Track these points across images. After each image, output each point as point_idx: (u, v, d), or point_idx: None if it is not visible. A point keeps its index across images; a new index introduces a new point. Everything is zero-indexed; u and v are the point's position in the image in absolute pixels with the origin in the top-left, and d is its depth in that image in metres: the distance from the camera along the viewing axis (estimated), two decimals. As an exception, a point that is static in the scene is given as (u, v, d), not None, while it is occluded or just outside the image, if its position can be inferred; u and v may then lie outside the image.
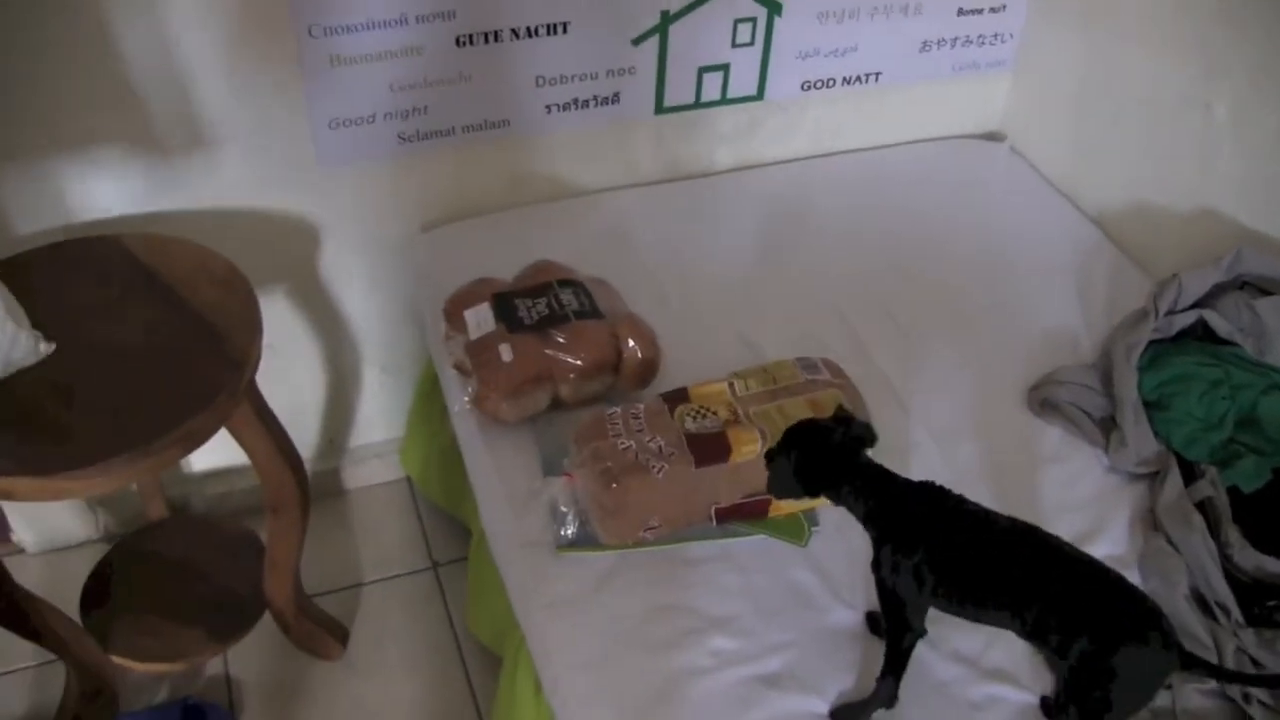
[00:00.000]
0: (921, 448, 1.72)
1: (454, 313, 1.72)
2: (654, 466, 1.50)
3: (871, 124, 2.26)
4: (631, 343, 1.68)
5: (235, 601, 1.98)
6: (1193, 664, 1.26)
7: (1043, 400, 1.79)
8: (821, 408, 1.58)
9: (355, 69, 1.80)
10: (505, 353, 1.63)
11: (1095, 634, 1.19)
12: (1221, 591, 1.52)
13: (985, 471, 1.70)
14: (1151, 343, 1.79)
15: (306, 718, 1.99)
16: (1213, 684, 1.44)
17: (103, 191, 1.80)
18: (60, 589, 1.91)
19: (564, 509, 1.55)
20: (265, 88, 1.78)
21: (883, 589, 1.33)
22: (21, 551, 2.21)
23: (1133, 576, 1.57)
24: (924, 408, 1.78)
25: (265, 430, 1.71)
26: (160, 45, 1.67)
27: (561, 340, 1.65)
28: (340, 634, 2.08)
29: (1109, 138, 2.11)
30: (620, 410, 1.58)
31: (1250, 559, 1.55)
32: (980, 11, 2.17)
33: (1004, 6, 2.19)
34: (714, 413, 1.57)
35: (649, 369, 1.70)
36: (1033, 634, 1.25)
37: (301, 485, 1.79)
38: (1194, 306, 1.80)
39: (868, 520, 1.33)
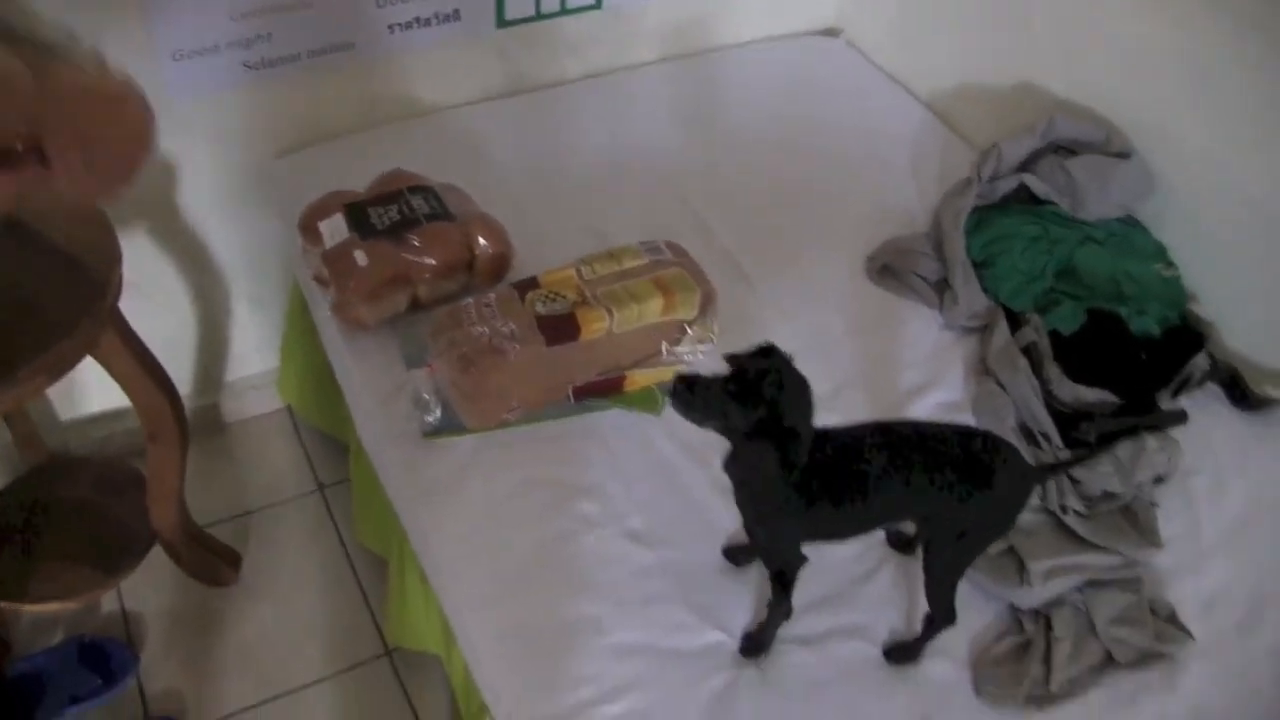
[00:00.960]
0: (767, 319, 1.82)
1: (309, 226, 1.76)
2: (508, 349, 1.57)
3: (709, 27, 2.34)
4: (482, 240, 1.75)
5: (122, 536, 2.00)
6: (1046, 473, 1.42)
7: (880, 268, 1.91)
8: (666, 285, 1.67)
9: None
10: (360, 258, 1.69)
11: (969, 474, 1.29)
12: (1044, 421, 1.66)
13: (829, 338, 1.80)
14: (977, 208, 1.91)
15: (206, 643, 2.03)
16: (1035, 502, 1.57)
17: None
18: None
19: (427, 397, 1.62)
20: (107, 23, 1.78)
21: (773, 546, 1.38)
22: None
23: (967, 418, 1.71)
24: (768, 283, 1.88)
25: (134, 356, 1.73)
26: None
27: (415, 243, 1.71)
28: (233, 559, 2.12)
29: (934, 24, 2.23)
30: (473, 301, 1.65)
31: (1068, 391, 1.68)
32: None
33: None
34: (563, 296, 1.64)
35: (501, 264, 1.77)
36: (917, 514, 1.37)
37: (177, 410, 1.82)
38: (1015, 172, 1.93)
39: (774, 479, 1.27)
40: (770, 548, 1.39)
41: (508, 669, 1.41)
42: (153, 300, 2.10)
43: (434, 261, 1.71)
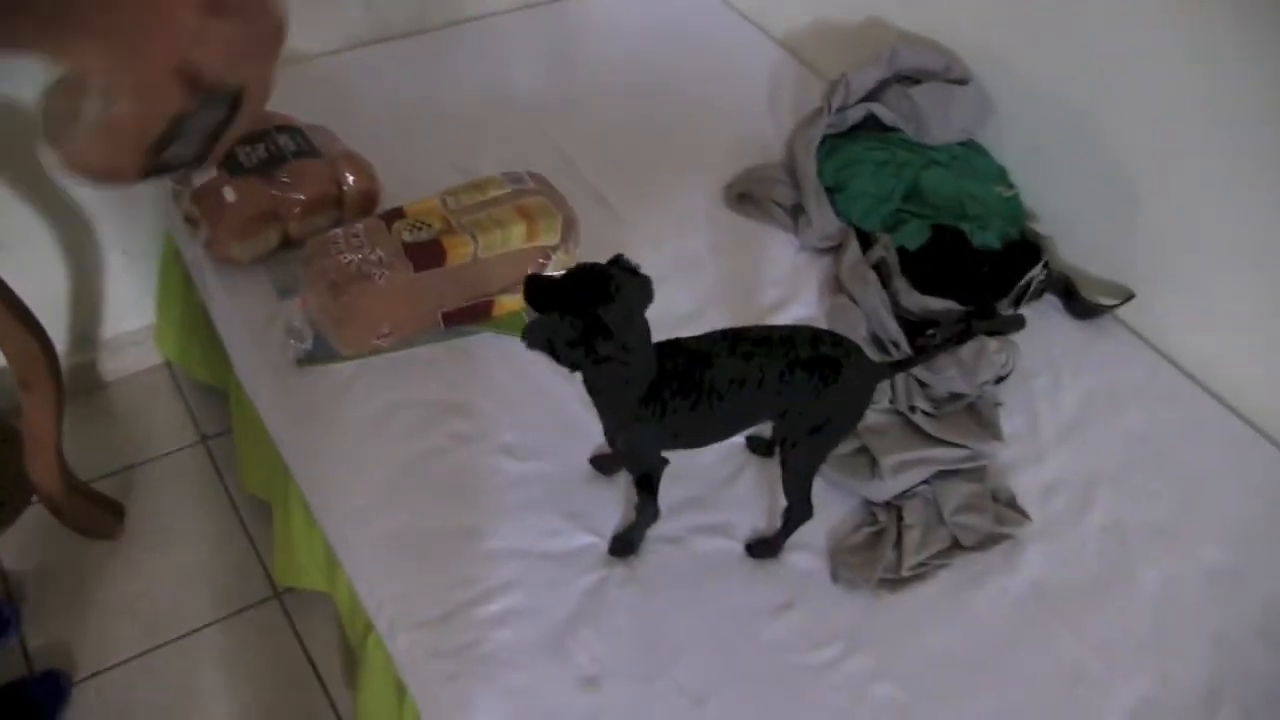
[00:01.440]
0: (630, 246, 1.86)
1: (175, 166, 1.77)
2: (375, 274, 1.61)
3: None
4: (350, 175, 1.78)
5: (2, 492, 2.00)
6: (893, 367, 1.49)
7: (738, 195, 1.99)
8: (528, 212, 1.72)
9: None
10: (229, 195, 1.71)
11: (819, 370, 1.34)
12: (893, 330, 1.76)
13: (692, 262, 1.88)
14: (828, 136, 2.01)
15: (91, 597, 2.03)
16: (885, 405, 1.67)
17: None
18: None
19: (299, 326, 1.65)
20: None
21: (632, 452, 1.43)
22: None
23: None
24: (631, 212, 1.95)
25: (4, 309, 1.73)
26: None
27: (283, 179, 1.73)
28: (116, 511, 2.12)
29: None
30: (342, 231, 1.68)
31: (915, 301, 1.78)
32: None
33: None
34: (429, 225, 1.69)
35: (369, 199, 1.81)
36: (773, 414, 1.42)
37: (49, 356, 1.82)
38: (863, 101, 2.03)
39: (619, 390, 1.31)
40: (630, 454, 1.45)
41: (387, 577, 1.46)
42: (21, 255, 2.08)
43: (303, 196, 1.74)
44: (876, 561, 1.50)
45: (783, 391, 1.35)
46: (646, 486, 1.45)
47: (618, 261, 1.30)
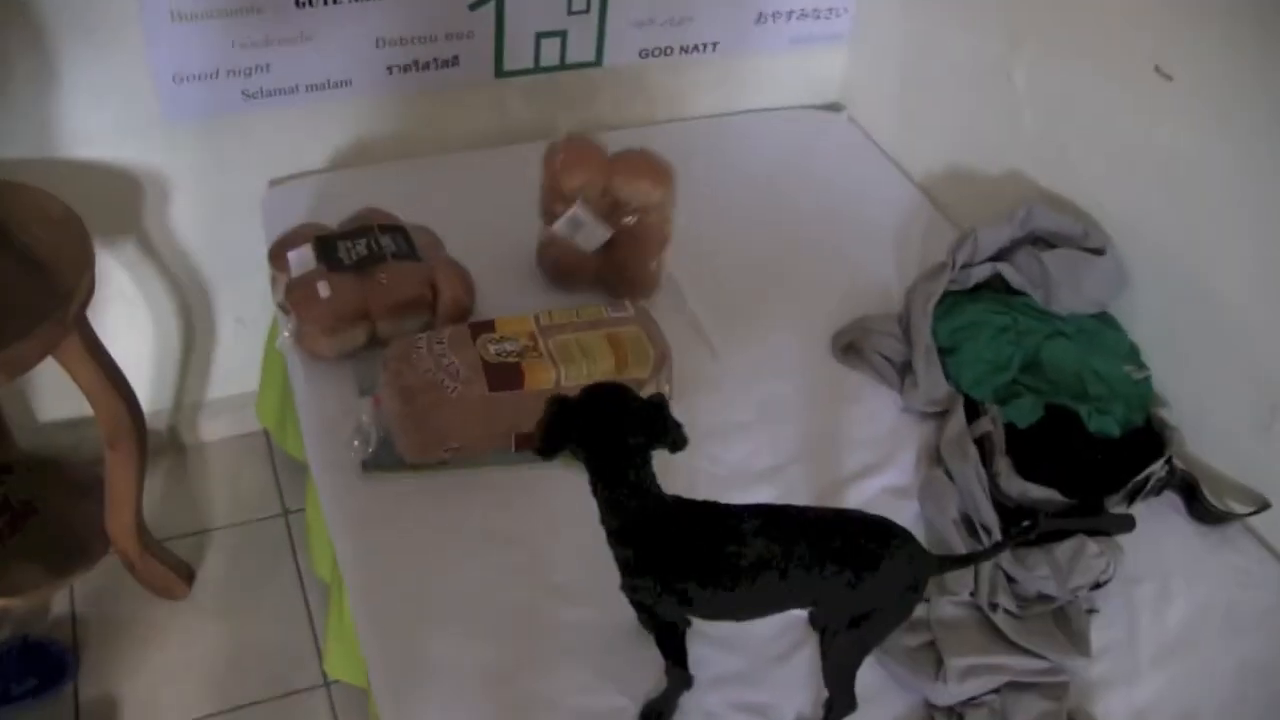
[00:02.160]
0: (725, 387, 1.82)
1: (278, 254, 1.80)
2: (449, 386, 1.58)
3: (712, 93, 2.37)
4: (445, 283, 1.77)
5: (76, 539, 2.03)
6: (945, 563, 1.38)
7: (846, 345, 1.90)
8: (619, 343, 1.68)
9: (196, 25, 1.86)
10: (323, 289, 1.71)
11: (854, 563, 1.26)
12: (987, 515, 1.63)
13: (782, 411, 1.80)
14: (949, 293, 1.90)
15: (149, 655, 2.04)
16: (964, 597, 1.54)
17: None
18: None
19: (368, 428, 1.63)
20: (107, 41, 1.84)
21: (641, 609, 1.37)
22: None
23: (913, 504, 1.69)
24: (731, 350, 1.88)
25: (96, 364, 1.77)
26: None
27: (378, 279, 1.73)
28: (186, 574, 2.13)
29: (932, 107, 2.24)
30: (426, 336, 1.66)
31: (1015, 486, 1.65)
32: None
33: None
34: (515, 342, 1.65)
35: (462, 310, 1.79)
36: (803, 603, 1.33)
37: (136, 420, 1.86)
38: (991, 260, 1.92)
39: (620, 536, 1.30)
40: (635, 606, 1.37)
41: (408, 708, 1.40)
42: (140, 313, 2.16)
43: (395, 299, 1.73)
44: (926, 775, 1.38)
45: (811, 583, 1.27)
46: (663, 647, 1.37)
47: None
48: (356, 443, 1.64)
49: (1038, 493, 1.64)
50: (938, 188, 2.24)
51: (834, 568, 1.25)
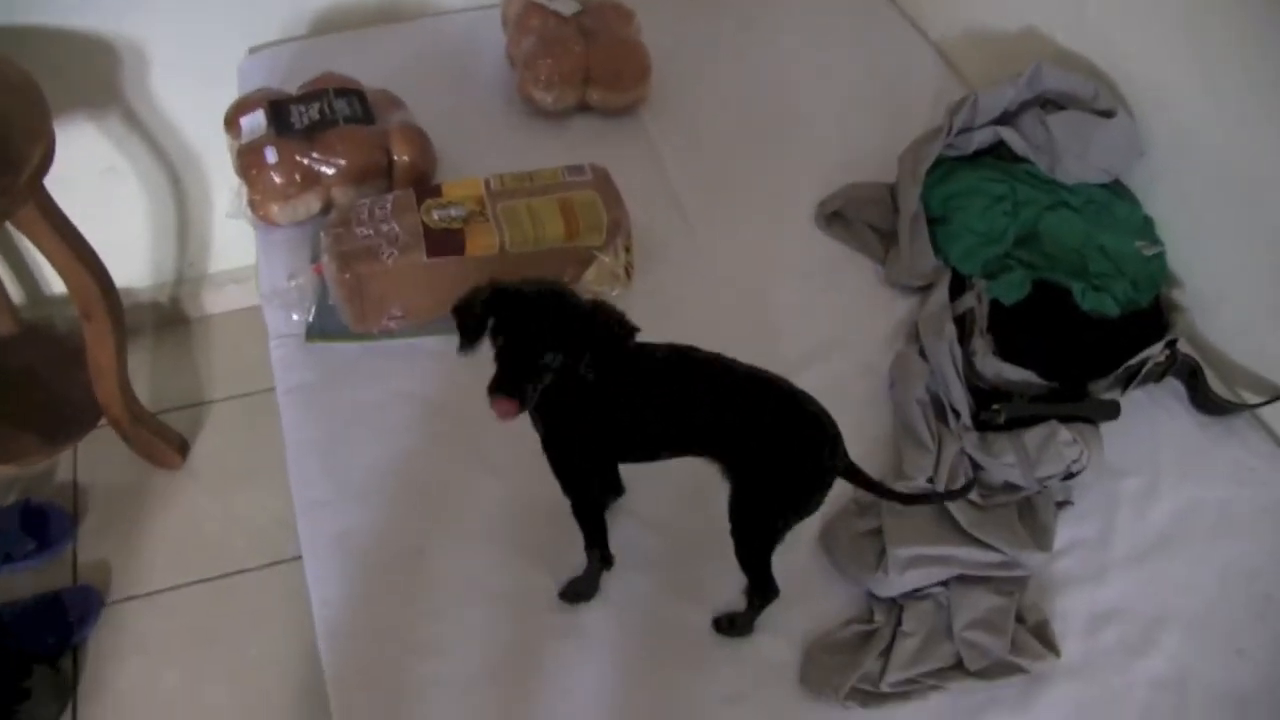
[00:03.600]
0: (696, 257, 1.72)
1: (232, 120, 1.74)
2: (385, 253, 1.52)
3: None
4: (399, 148, 1.69)
5: (72, 408, 2.06)
6: (853, 473, 1.24)
7: (831, 214, 1.77)
8: (570, 208, 1.58)
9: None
10: (270, 155, 1.66)
11: (756, 428, 1.19)
12: (957, 396, 1.51)
13: (756, 282, 1.69)
14: (947, 159, 1.75)
15: (143, 524, 2.09)
16: (921, 483, 1.43)
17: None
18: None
19: (308, 297, 1.59)
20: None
21: (563, 467, 1.28)
22: None
23: (879, 383, 1.58)
24: (707, 220, 1.77)
25: (58, 236, 1.76)
26: None
27: (327, 144, 1.67)
28: (179, 444, 2.16)
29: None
30: (369, 202, 1.60)
31: (991, 366, 1.53)
32: None
33: None
34: (461, 208, 1.58)
35: (419, 177, 1.72)
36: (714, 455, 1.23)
37: (105, 290, 1.85)
38: (994, 123, 1.75)
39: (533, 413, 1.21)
40: (553, 462, 1.28)
41: (330, 577, 1.38)
42: (130, 185, 2.14)
43: (343, 164, 1.66)
44: (854, 667, 1.29)
45: (718, 427, 1.20)
46: (583, 523, 1.31)
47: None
48: (299, 310, 1.60)
49: (1014, 374, 1.51)
50: (954, 48, 2.05)
51: (738, 423, 1.18)
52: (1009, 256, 1.65)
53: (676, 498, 1.43)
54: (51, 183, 1.66)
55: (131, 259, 2.26)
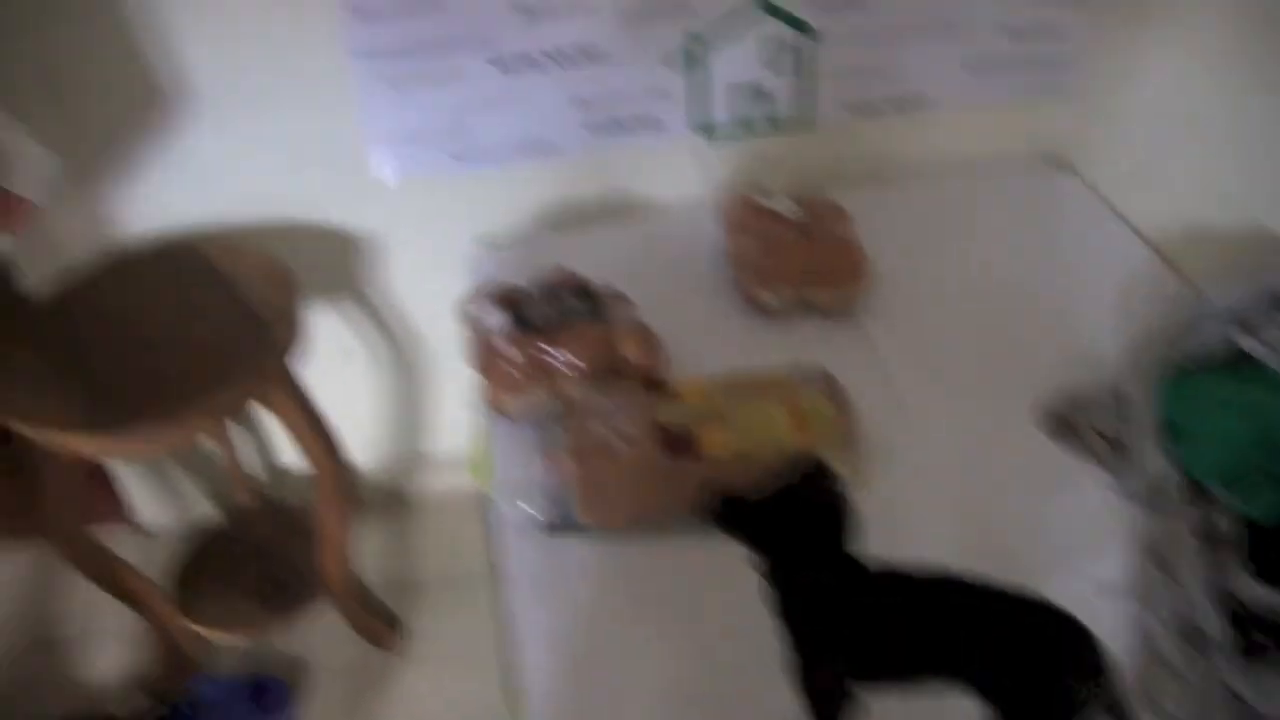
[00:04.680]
0: (913, 454, 1.70)
1: (471, 313, 1.84)
2: (619, 450, 1.56)
3: (924, 147, 2.26)
4: (631, 349, 1.75)
5: (299, 583, 2.15)
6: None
7: (1057, 418, 1.74)
8: (800, 412, 1.60)
9: (406, 90, 1.95)
10: (504, 348, 1.74)
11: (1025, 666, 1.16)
12: (1212, 622, 1.43)
13: (981, 485, 1.66)
14: (1179, 365, 1.71)
15: (360, 704, 2.13)
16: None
17: (186, 198, 2.01)
18: (158, 562, 2.17)
19: (542, 491, 1.63)
20: (327, 106, 1.95)
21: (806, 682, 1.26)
22: (136, 529, 2.48)
23: (1124, 603, 1.52)
24: (925, 413, 1.76)
25: (301, 414, 1.87)
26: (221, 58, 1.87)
27: (561, 341, 1.74)
28: (396, 626, 2.22)
29: (1164, 158, 2.04)
30: (603, 398, 1.65)
31: (1250, 591, 1.45)
32: (1032, 33, 2.13)
33: (1060, 28, 2.14)
34: (690, 406, 1.62)
35: (646, 373, 1.76)
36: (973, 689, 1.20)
37: (339, 470, 1.95)
38: (1230, 327, 1.71)
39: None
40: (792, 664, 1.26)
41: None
42: (361, 366, 2.27)
43: (577, 362, 1.73)
44: None
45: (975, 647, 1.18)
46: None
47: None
48: (532, 504, 1.64)
49: (1277, 600, 1.43)
50: (1171, 246, 2.03)
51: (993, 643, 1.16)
52: (1256, 469, 1.59)
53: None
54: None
55: (358, 437, 2.37)
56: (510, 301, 1.81)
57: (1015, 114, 2.27)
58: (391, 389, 2.35)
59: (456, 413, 2.39)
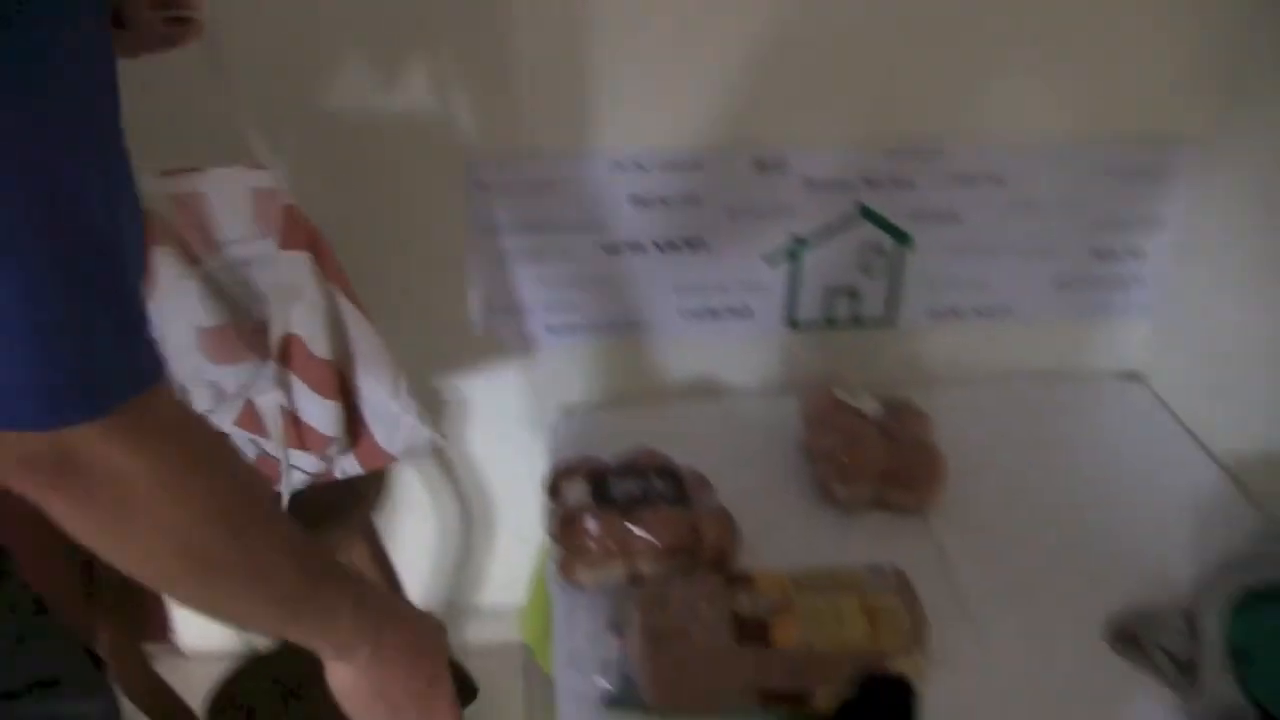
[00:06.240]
0: (982, 667, 1.71)
1: (553, 484, 1.90)
2: (693, 634, 1.59)
3: (1003, 356, 2.33)
4: (711, 531, 1.80)
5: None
6: None
7: (1124, 633, 1.75)
8: (874, 611, 1.63)
9: (515, 263, 2.07)
10: (589, 524, 1.79)
11: None
12: None
13: (1048, 701, 1.67)
14: (1251, 589, 1.73)
15: None
16: None
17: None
18: (198, 687, 2.17)
19: (614, 665, 1.66)
20: (441, 281, 2.07)
21: None
22: (176, 651, 2.51)
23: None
24: (993, 624, 1.78)
25: (375, 562, 1.92)
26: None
27: (644, 521, 1.79)
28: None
29: (1240, 382, 2.10)
30: (681, 581, 1.69)
31: (1322, 831, 1.44)
32: (1117, 254, 2.23)
33: (1142, 250, 2.24)
34: (768, 597, 1.65)
35: (723, 559, 1.81)
36: None
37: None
38: (1300, 560, 1.74)
39: None
40: None
41: None
42: (428, 520, 2.32)
43: (657, 543, 1.78)
44: None
45: None
46: None
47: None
48: (601, 678, 1.66)
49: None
50: (1246, 471, 2.07)
51: None
52: (1328, 705, 1.59)
53: None
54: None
55: (415, 584, 2.42)
56: (595, 475, 1.87)
57: (1094, 328, 2.35)
58: (449, 543, 2.39)
59: (506, 570, 2.44)
